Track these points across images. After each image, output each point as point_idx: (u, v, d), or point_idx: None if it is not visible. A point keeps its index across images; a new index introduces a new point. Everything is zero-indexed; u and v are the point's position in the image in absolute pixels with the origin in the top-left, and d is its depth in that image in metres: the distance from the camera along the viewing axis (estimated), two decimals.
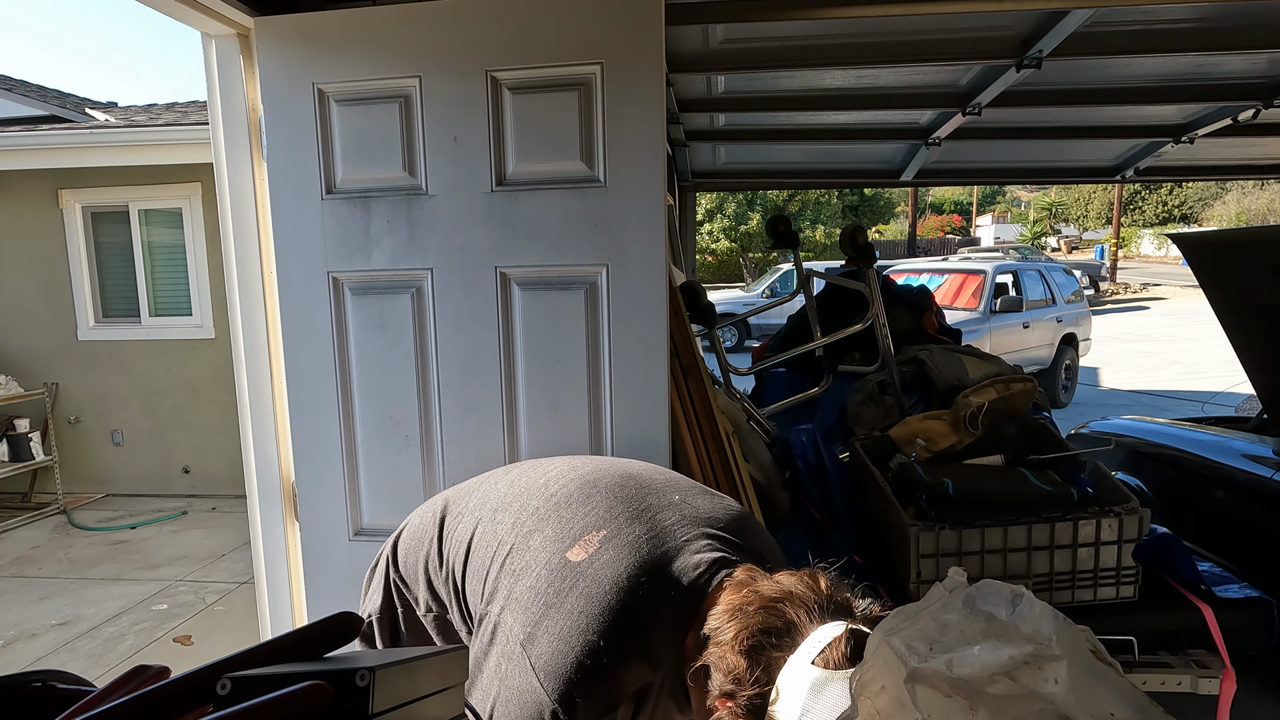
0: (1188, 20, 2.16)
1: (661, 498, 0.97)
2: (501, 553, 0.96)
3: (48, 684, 0.34)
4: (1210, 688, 1.66)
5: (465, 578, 1.01)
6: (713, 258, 23.49)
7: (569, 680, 0.80)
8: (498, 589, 0.93)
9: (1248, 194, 25.60)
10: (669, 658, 0.84)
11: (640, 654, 0.83)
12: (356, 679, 0.28)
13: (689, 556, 0.88)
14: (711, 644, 0.79)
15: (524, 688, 0.82)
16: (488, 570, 0.96)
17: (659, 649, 0.84)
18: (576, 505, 0.96)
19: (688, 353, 1.85)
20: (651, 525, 0.92)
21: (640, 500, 0.96)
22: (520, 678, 0.83)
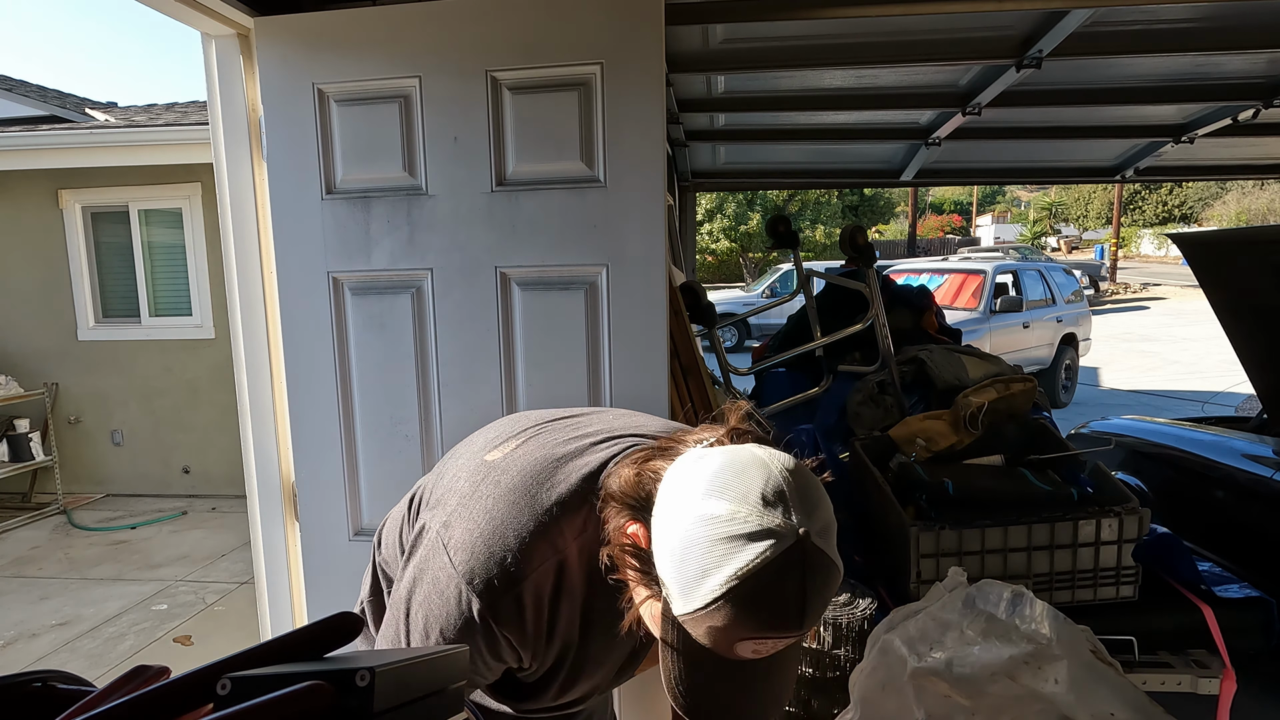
0: (1188, 20, 2.16)
1: (597, 416, 0.98)
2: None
3: (48, 684, 0.34)
4: (1210, 688, 1.66)
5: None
6: (713, 258, 23.49)
7: (476, 555, 0.81)
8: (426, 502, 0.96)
9: (1248, 194, 25.60)
10: (579, 536, 0.82)
11: (544, 531, 0.82)
12: (356, 679, 0.28)
13: (605, 451, 0.87)
14: (605, 496, 0.80)
15: (438, 567, 0.83)
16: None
17: (565, 525, 0.82)
18: (505, 424, 1.01)
19: (688, 353, 1.85)
20: (574, 427, 0.93)
21: (572, 416, 0.98)
22: (436, 560, 0.83)
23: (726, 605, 0.65)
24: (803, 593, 0.65)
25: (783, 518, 0.66)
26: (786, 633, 0.67)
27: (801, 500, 0.68)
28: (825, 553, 0.67)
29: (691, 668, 0.71)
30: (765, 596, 0.65)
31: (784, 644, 0.69)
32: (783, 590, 0.65)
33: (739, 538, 0.65)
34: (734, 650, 0.69)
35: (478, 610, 0.80)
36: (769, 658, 0.70)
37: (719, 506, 0.67)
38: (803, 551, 0.65)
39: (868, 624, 1.15)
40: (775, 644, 0.69)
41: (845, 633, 1.16)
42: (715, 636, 0.68)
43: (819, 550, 0.66)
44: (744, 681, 0.71)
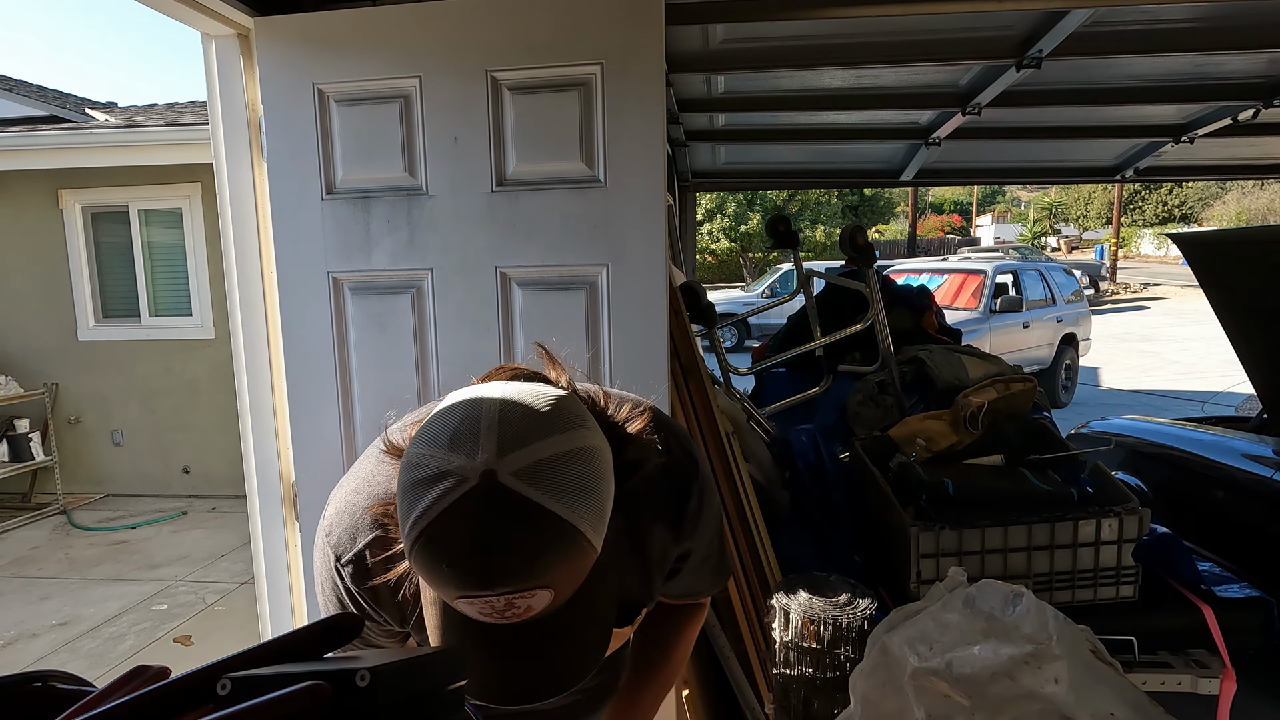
0: (1188, 20, 2.16)
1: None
2: None
3: (48, 684, 0.34)
4: (1210, 688, 1.66)
5: None
6: (713, 258, 23.50)
7: (331, 522, 0.82)
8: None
9: (1248, 194, 25.60)
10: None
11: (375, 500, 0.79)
12: (356, 679, 0.28)
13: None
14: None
15: (318, 542, 0.84)
16: None
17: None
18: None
19: (688, 353, 1.85)
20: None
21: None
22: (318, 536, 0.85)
23: (417, 558, 0.59)
24: (482, 540, 0.57)
25: (465, 458, 0.58)
26: (479, 589, 0.57)
27: (503, 435, 0.59)
28: (519, 492, 0.57)
29: (444, 630, 0.66)
30: (442, 545, 0.57)
31: (514, 604, 0.59)
32: (458, 537, 0.57)
33: (421, 482, 0.59)
34: (458, 607, 0.62)
35: (335, 571, 0.81)
36: (518, 625, 0.62)
37: (411, 452, 0.62)
38: (483, 492, 0.57)
39: (868, 624, 1.15)
40: (495, 604, 0.59)
41: (845, 633, 1.16)
42: (440, 596, 0.63)
43: (508, 490, 0.57)
44: (494, 647, 0.63)
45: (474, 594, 0.58)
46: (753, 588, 1.79)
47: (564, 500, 0.59)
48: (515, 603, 0.59)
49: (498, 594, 0.58)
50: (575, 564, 0.61)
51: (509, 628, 0.62)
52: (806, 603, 1.21)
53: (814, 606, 1.20)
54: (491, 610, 0.60)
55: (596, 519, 0.62)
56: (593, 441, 0.64)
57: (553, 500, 0.59)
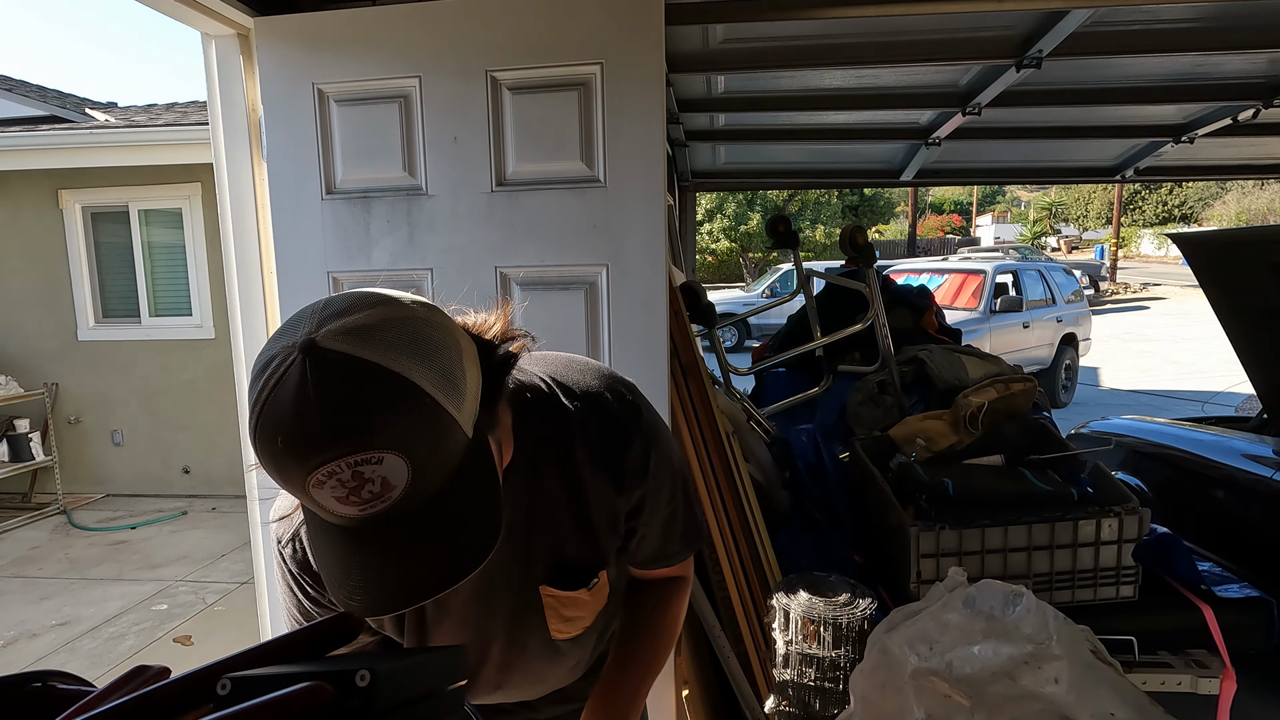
0: (1188, 20, 2.16)
1: None
2: None
3: (48, 684, 0.34)
4: (1210, 688, 1.66)
5: None
6: (713, 258, 23.49)
7: (276, 506, 0.82)
8: None
9: (1248, 194, 25.60)
10: None
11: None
12: (357, 679, 0.28)
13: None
14: None
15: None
16: None
17: None
18: None
19: (688, 353, 1.85)
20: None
21: None
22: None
23: (260, 455, 0.57)
24: (305, 402, 0.54)
25: (289, 339, 0.57)
26: (316, 455, 0.54)
27: (325, 314, 0.58)
28: (342, 351, 0.55)
29: (323, 549, 0.62)
30: (274, 424, 0.55)
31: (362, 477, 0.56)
32: (285, 410, 0.54)
33: (255, 378, 0.57)
34: (319, 502, 0.57)
35: (278, 554, 0.82)
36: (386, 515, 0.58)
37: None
38: (304, 361, 0.55)
39: (868, 624, 1.15)
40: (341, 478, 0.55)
41: (845, 633, 1.16)
42: (291, 493, 0.59)
43: (329, 350, 0.55)
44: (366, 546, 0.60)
45: (312, 463, 0.54)
46: (753, 588, 1.79)
47: (393, 356, 0.57)
48: (363, 471, 0.55)
49: (335, 457, 0.54)
50: (420, 425, 0.57)
51: (381, 518, 0.58)
52: (806, 603, 1.21)
53: (814, 606, 1.20)
54: (344, 490, 0.56)
55: (443, 382, 0.59)
56: (423, 315, 0.62)
57: (380, 356, 0.56)
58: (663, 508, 0.89)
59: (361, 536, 0.60)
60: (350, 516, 0.58)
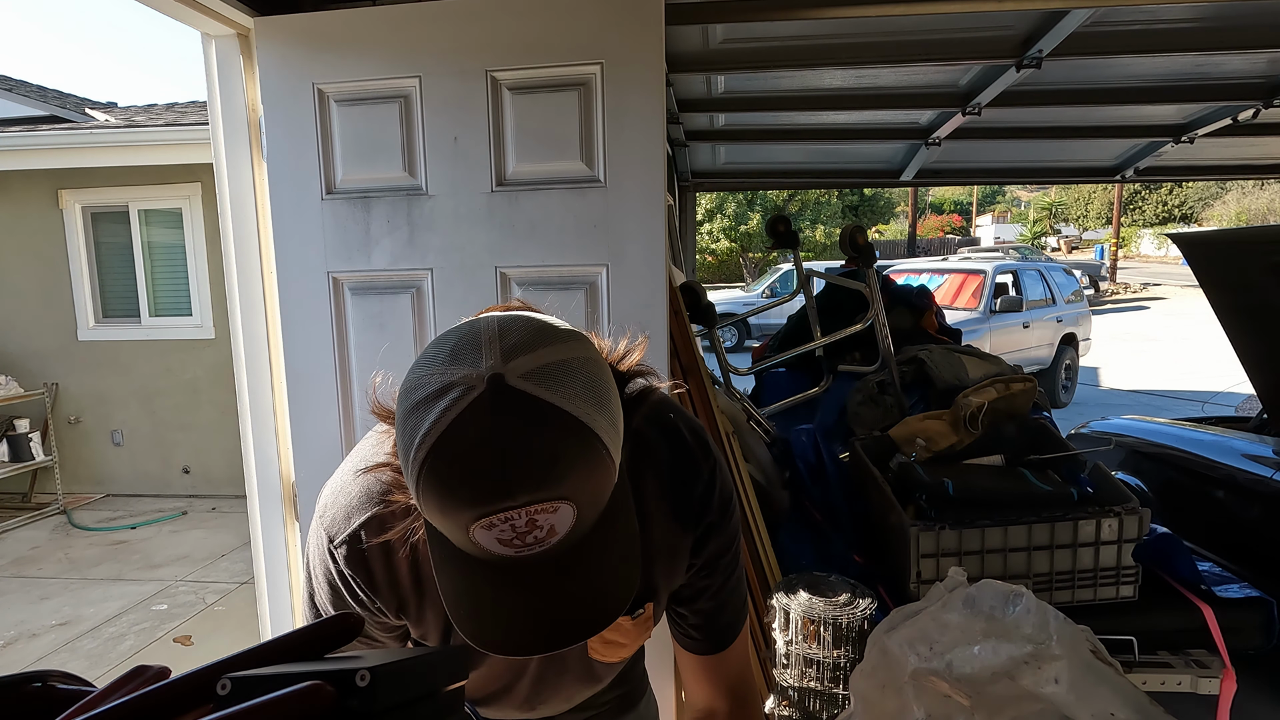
0: (1188, 20, 2.16)
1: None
2: None
3: (48, 684, 0.34)
4: (1210, 688, 1.66)
5: None
6: (713, 258, 23.50)
7: (325, 503, 0.81)
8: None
9: (1248, 194, 25.60)
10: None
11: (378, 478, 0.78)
12: (357, 679, 0.28)
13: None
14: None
15: (312, 527, 0.82)
16: None
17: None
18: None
19: (688, 353, 1.85)
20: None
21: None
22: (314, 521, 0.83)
23: (425, 484, 0.55)
24: (498, 444, 0.53)
25: (469, 367, 0.55)
26: (498, 500, 0.53)
27: (506, 344, 0.56)
28: (531, 393, 0.54)
29: (455, 578, 0.60)
30: (453, 460, 0.53)
31: (535, 522, 0.55)
32: (470, 447, 0.53)
33: (423, 402, 0.55)
34: (480, 545, 0.56)
35: (329, 553, 0.78)
36: (544, 557, 0.57)
37: (409, 377, 0.59)
38: (492, 397, 0.54)
39: (868, 624, 1.15)
40: (515, 525, 0.55)
41: (845, 633, 1.16)
42: (446, 525, 0.57)
43: (519, 392, 0.54)
44: (521, 586, 0.58)
45: (492, 509, 0.53)
46: (753, 588, 1.79)
47: (577, 403, 0.56)
48: (537, 519, 0.55)
49: (518, 505, 0.53)
50: (595, 474, 0.57)
51: (534, 561, 0.57)
52: (806, 603, 1.21)
53: (814, 606, 1.20)
54: (512, 533, 0.55)
55: (611, 429, 0.58)
56: (595, 355, 0.61)
57: (566, 402, 0.55)
58: (722, 563, 0.86)
59: (507, 574, 0.58)
60: (505, 557, 0.57)
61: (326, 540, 0.79)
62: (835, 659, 1.17)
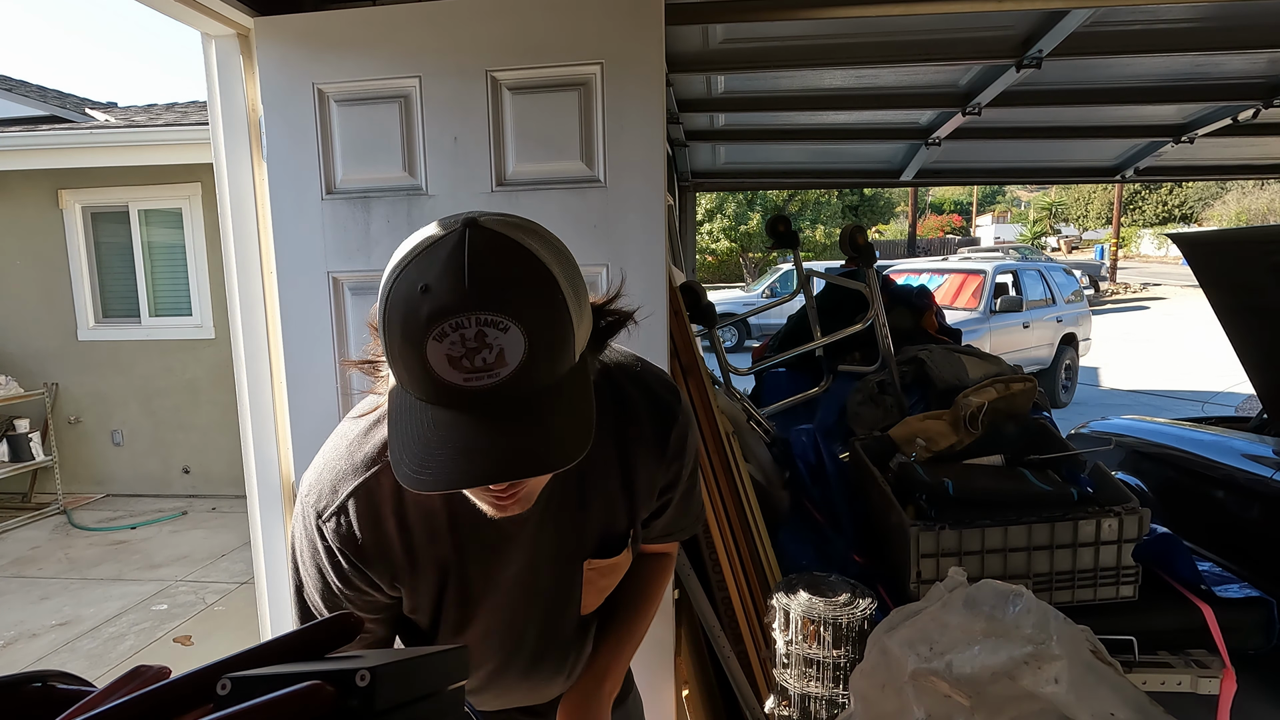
0: (1188, 20, 2.16)
1: None
2: None
3: (48, 684, 0.34)
4: (1210, 688, 1.66)
5: None
6: (713, 258, 23.49)
7: (309, 482, 0.82)
8: None
9: (1248, 194, 25.60)
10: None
11: (362, 446, 0.80)
12: (357, 679, 0.28)
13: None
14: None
15: (296, 510, 0.84)
16: None
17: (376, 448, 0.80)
18: None
19: (688, 353, 1.85)
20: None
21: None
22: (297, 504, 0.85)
23: (394, 296, 0.60)
24: (460, 258, 0.58)
25: (449, 222, 0.62)
26: (454, 309, 0.57)
27: (481, 215, 0.63)
28: (498, 231, 0.60)
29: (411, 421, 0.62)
30: (419, 271, 0.59)
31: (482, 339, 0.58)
32: (436, 265, 0.59)
33: (403, 253, 0.62)
34: (432, 371, 0.59)
35: (316, 528, 0.79)
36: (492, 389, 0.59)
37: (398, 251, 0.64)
38: (465, 229, 0.60)
39: (868, 624, 1.15)
40: (464, 336, 0.58)
41: (845, 633, 1.16)
42: (406, 358, 0.60)
43: (488, 229, 0.60)
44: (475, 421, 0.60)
45: (448, 316, 0.57)
46: (753, 588, 1.79)
47: (540, 250, 0.62)
48: (486, 335, 0.58)
49: (471, 313, 0.57)
50: (546, 311, 0.60)
51: (484, 392, 0.59)
52: (806, 603, 1.21)
53: (814, 606, 1.20)
54: (463, 348, 0.58)
55: (573, 294, 0.63)
56: (565, 247, 0.68)
57: (531, 245, 0.61)
58: (685, 483, 0.94)
59: (458, 410, 0.61)
60: (454, 385, 0.59)
61: (314, 517, 0.80)
62: (835, 659, 1.17)
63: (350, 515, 0.78)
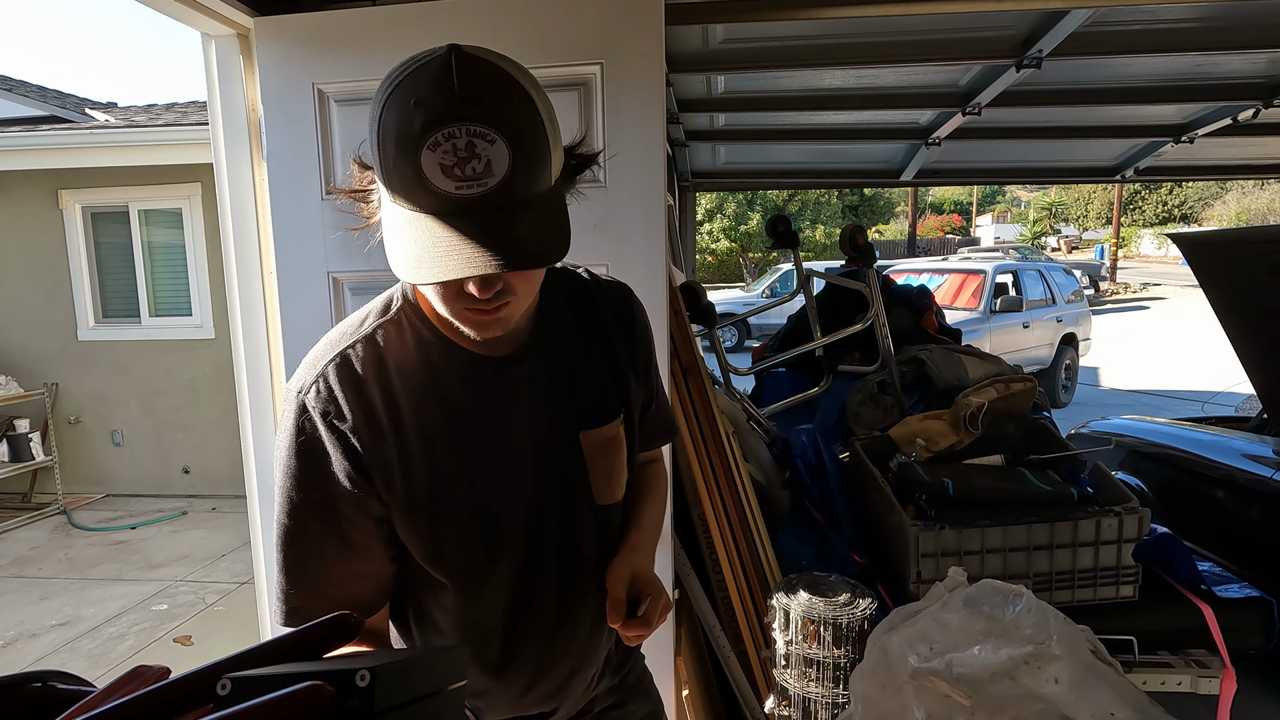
0: (1188, 20, 2.16)
1: None
2: None
3: (48, 684, 0.34)
4: (1210, 688, 1.66)
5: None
6: (713, 258, 23.49)
7: (298, 371, 0.83)
8: None
9: (1248, 194, 25.60)
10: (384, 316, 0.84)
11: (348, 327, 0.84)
12: (357, 679, 0.28)
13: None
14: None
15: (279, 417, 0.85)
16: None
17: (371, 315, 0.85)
18: None
19: (688, 353, 1.85)
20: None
21: None
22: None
23: (389, 109, 0.65)
24: (449, 72, 0.64)
25: (434, 50, 0.67)
26: (448, 117, 0.63)
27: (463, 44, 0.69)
28: (482, 57, 0.67)
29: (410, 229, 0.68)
30: (412, 86, 0.65)
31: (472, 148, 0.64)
32: (429, 81, 0.65)
33: (394, 68, 0.68)
34: (427, 180, 0.65)
35: (298, 406, 0.79)
36: (480, 196, 0.65)
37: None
38: (450, 51, 0.66)
39: (868, 624, 1.15)
40: (456, 145, 0.64)
41: (845, 633, 1.16)
42: (399, 168, 0.66)
43: (472, 55, 0.67)
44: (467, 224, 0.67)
45: (440, 125, 0.63)
46: (753, 588, 1.79)
47: (525, 79, 0.69)
48: (476, 146, 0.64)
49: (462, 123, 0.64)
50: (532, 135, 0.67)
51: (475, 199, 0.66)
52: (806, 603, 1.21)
53: (814, 606, 1.20)
54: (454, 158, 0.64)
55: (550, 122, 0.70)
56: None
57: (515, 73, 0.68)
58: (657, 371, 1.05)
59: (452, 215, 0.67)
60: (446, 193, 0.66)
61: (296, 395, 0.80)
62: (835, 659, 1.17)
63: (331, 380, 0.79)
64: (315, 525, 0.79)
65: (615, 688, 1.07)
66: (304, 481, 0.79)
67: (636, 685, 1.11)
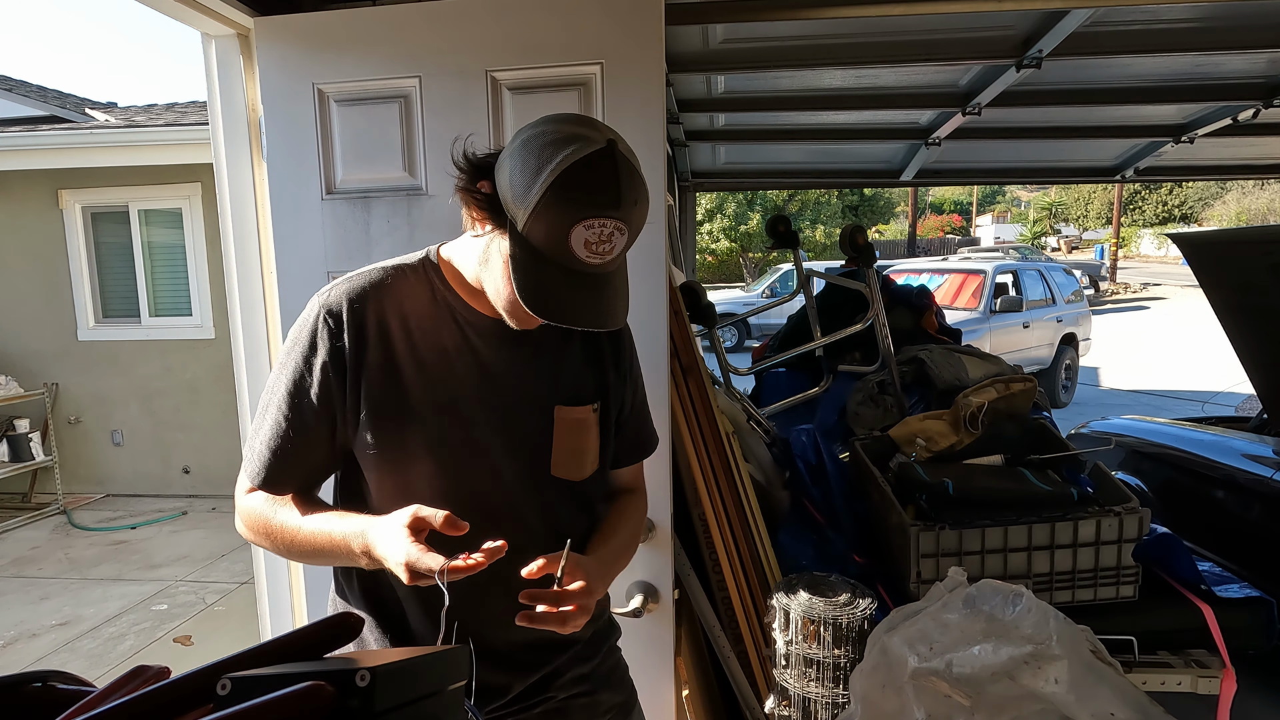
0: (1188, 20, 2.16)
1: None
2: None
3: (48, 684, 0.34)
4: (1210, 688, 1.66)
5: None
6: (713, 258, 23.49)
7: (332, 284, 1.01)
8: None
9: (1248, 194, 25.60)
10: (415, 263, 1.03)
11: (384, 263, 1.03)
12: (357, 679, 0.28)
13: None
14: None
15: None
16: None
17: (404, 259, 1.04)
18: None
19: (688, 353, 1.84)
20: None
21: None
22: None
23: (559, 185, 0.81)
24: (615, 176, 0.82)
25: (591, 130, 0.85)
26: (607, 210, 0.82)
27: (607, 125, 0.88)
28: (630, 160, 0.86)
29: (538, 269, 0.85)
30: (583, 178, 0.82)
31: (611, 236, 0.83)
32: (597, 174, 0.82)
33: (551, 143, 0.84)
34: (570, 245, 0.83)
35: (314, 305, 0.98)
36: (601, 269, 0.86)
37: (538, 128, 0.87)
38: (611, 149, 0.84)
39: (868, 624, 1.15)
40: (603, 232, 0.82)
41: (845, 633, 1.16)
42: (551, 228, 0.83)
43: (625, 156, 0.85)
44: (584, 285, 0.86)
45: (602, 212, 0.82)
46: (753, 588, 1.79)
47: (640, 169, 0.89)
48: (613, 235, 0.84)
49: (612, 217, 0.83)
50: (640, 225, 0.88)
51: (596, 270, 0.86)
52: (806, 603, 1.21)
53: (814, 606, 1.20)
54: (598, 239, 0.83)
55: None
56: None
57: (639, 166, 0.88)
58: (640, 385, 1.17)
59: (576, 277, 0.86)
60: (579, 258, 0.84)
61: (316, 297, 0.99)
62: (835, 659, 1.17)
63: (341, 291, 0.98)
64: (282, 388, 0.98)
65: (585, 676, 1.09)
66: (292, 352, 0.99)
67: (609, 677, 1.12)
